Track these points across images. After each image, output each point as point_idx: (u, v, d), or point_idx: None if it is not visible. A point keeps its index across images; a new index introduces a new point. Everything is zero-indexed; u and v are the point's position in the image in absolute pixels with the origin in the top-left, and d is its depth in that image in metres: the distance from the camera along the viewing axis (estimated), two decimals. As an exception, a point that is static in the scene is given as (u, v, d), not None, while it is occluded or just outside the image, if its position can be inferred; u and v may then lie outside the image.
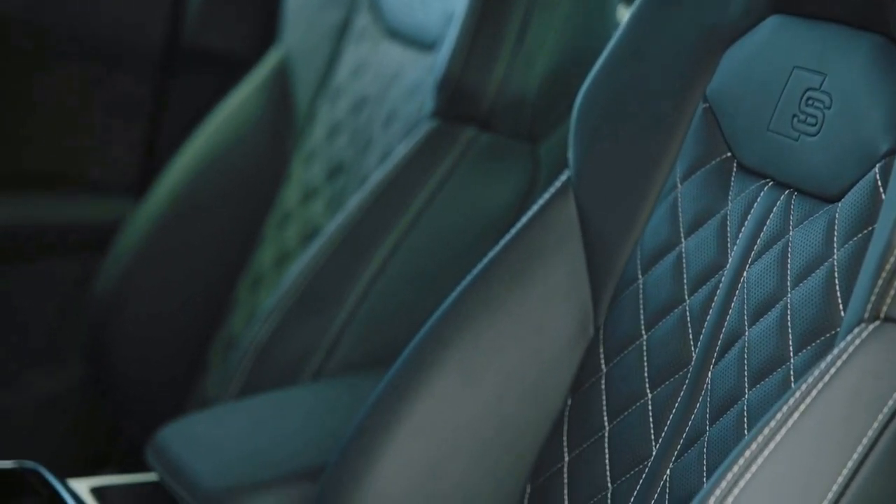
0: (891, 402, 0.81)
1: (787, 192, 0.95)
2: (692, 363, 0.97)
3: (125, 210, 1.75)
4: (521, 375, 1.07)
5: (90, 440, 1.77)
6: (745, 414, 0.88)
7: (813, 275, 0.90)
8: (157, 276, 1.65)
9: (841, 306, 0.88)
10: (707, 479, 0.87)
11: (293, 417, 1.32)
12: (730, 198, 0.99)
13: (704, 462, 0.89)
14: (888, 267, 0.83)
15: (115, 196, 1.84)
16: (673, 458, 0.94)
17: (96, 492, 1.26)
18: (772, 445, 0.80)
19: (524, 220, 1.10)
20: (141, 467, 1.32)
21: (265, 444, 1.26)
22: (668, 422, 0.97)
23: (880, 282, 0.83)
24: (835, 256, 0.89)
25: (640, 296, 1.03)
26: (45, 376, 1.81)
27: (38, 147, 1.83)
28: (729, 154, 1.00)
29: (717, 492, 0.79)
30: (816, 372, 0.81)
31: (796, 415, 0.80)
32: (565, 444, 1.05)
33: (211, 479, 1.21)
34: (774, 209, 0.95)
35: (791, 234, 0.93)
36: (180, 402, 1.61)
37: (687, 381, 0.97)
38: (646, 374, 1.00)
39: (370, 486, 1.05)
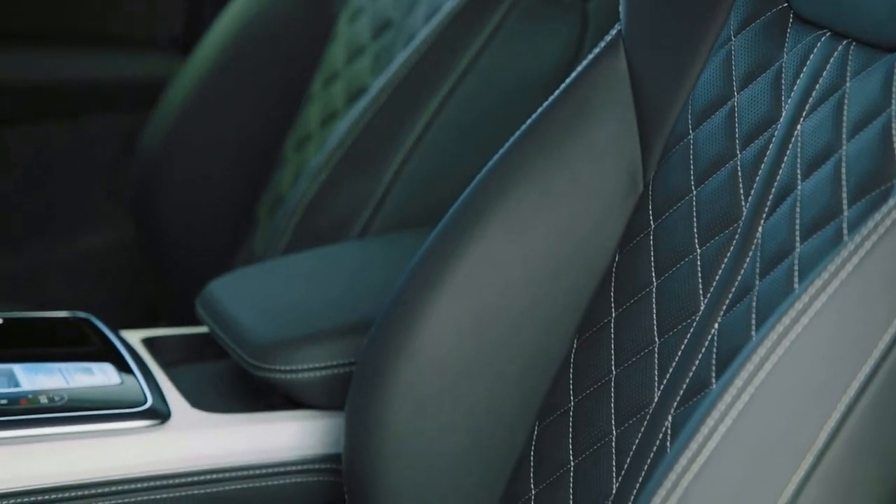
0: None
1: (844, 42, 0.94)
2: (742, 218, 0.97)
3: (172, 67, 1.75)
4: (569, 232, 1.07)
5: (141, 295, 1.79)
6: (796, 268, 0.88)
7: (869, 126, 0.89)
8: (204, 133, 1.65)
9: (898, 157, 0.87)
10: (756, 333, 0.87)
11: (340, 273, 1.33)
12: (785, 50, 0.97)
13: (753, 316, 0.89)
14: None
15: (162, 53, 1.83)
16: (721, 313, 0.94)
17: (147, 342, 1.28)
18: (823, 297, 0.80)
19: (573, 75, 1.09)
20: (191, 321, 1.33)
21: (313, 299, 1.27)
22: (717, 277, 0.97)
23: None
24: (892, 107, 0.88)
25: (691, 151, 1.02)
26: (96, 232, 1.83)
27: (85, 4, 1.83)
28: (785, 5, 0.99)
29: (768, 343, 0.80)
30: (871, 223, 0.81)
31: (849, 266, 0.80)
32: (612, 300, 1.05)
33: (259, 331, 1.22)
34: (831, 60, 0.94)
35: (848, 85, 0.92)
36: (228, 258, 1.62)
37: (737, 237, 0.96)
38: (695, 230, 1.00)
39: (414, 345, 1.06)
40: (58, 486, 1.10)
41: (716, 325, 0.94)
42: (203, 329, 1.29)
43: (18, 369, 1.16)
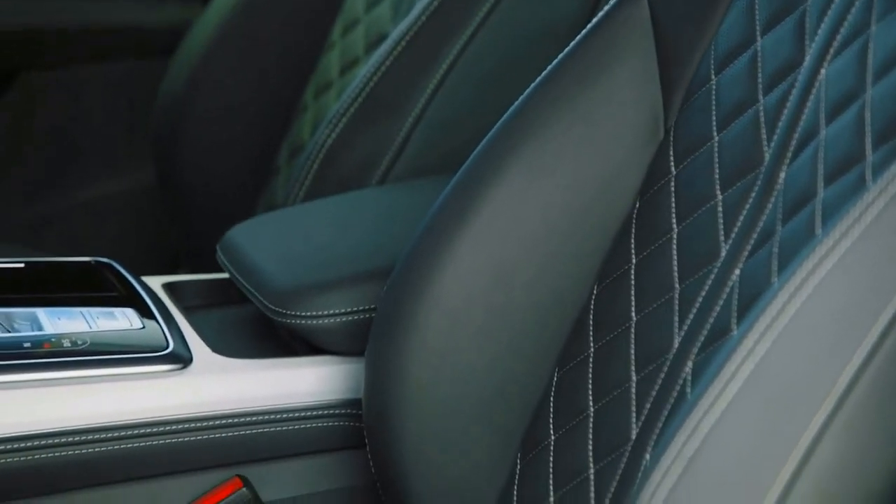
0: None
1: None
2: (764, 164, 0.96)
3: (193, 13, 1.75)
4: (590, 178, 1.07)
5: (162, 241, 1.80)
6: (819, 213, 0.88)
7: (894, 70, 0.88)
8: (224, 80, 1.65)
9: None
10: (777, 279, 0.87)
11: (360, 219, 1.33)
12: (809, -6, 0.97)
13: (775, 262, 0.89)
14: None
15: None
16: (742, 259, 0.94)
17: (169, 287, 1.29)
18: (846, 242, 0.80)
19: (595, 21, 1.08)
20: (211, 268, 1.34)
21: (333, 245, 1.28)
22: (738, 223, 0.96)
23: None
24: (919, 51, 0.88)
25: (713, 97, 1.01)
26: (118, 178, 1.83)
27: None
28: None
29: (790, 288, 0.80)
30: (894, 168, 0.80)
31: (872, 211, 0.80)
32: (633, 246, 1.05)
33: (280, 278, 1.22)
34: (856, 4, 0.93)
35: (872, 29, 0.91)
36: (248, 205, 1.63)
37: (759, 182, 0.96)
38: (716, 176, 0.99)
39: (435, 291, 1.06)
40: (79, 429, 1.11)
41: (737, 272, 0.94)
42: (224, 275, 1.29)
43: (42, 313, 1.17)
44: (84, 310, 1.19)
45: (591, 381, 1.04)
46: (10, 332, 1.14)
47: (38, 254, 1.34)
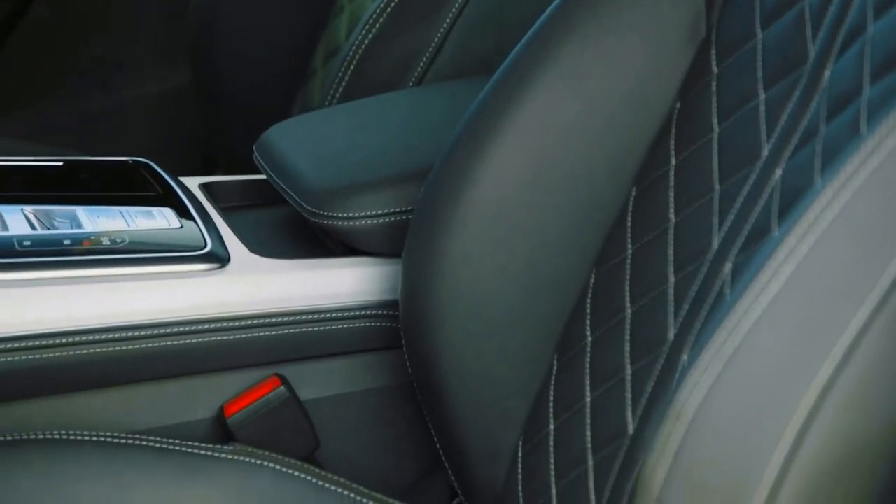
0: None
1: None
2: (809, 61, 0.95)
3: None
4: (629, 78, 1.06)
5: (199, 143, 1.80)
6: (864, 111, 0.86)
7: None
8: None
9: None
10: (821, 178, 0.86)
11: (397, 120, 1.33)
12: None
13: (818, 161, 0.88)
14: None
15: None
16: (785, 159, 0.93)
17: (206, 188, 1.29)
18: (891, 141, 0.79)
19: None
20: (248, 170, 1.34)
21: (370, 146, 1.27)
22: (781, 122, 0.95)
23: None
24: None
25: (757, -7, 1.00)
26: (155, 79, 1.83)
27: None
28: None
29: (835, 186, 0.79)
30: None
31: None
32: (672, 146, 1.04)
33: (317, 178, 1.22)
34: None
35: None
36: (284, 107, 1.62)
37: (802, 80, 0.95)
38: (759, 74, 0.98)
39: (473, 192, 1.06)
40: (117, 326, 1.12)
41: (779, 171, 0.93)
42: (261, 176, 1.29)
43: (81, 211, 1.17)
44: (123, 209, 1.19)
45: (628, 282, 1.04)
46: (49, 229, 1.14)
47: (77, 154, 1.34)
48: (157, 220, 1.19)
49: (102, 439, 1.09)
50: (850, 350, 0.80)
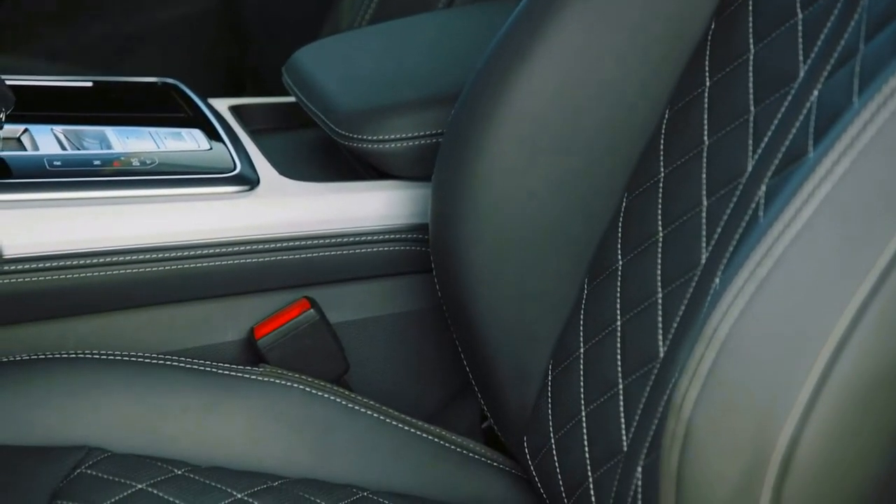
0: None
1: None
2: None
3: None
4: (662, 2, 1.05)
5: (227, 64, 1.79)
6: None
7: None
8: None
9: None
10: (859, 99, 0.84)
11: (427, 43, 1.32)
12: None
13: (856, 81, 0.86)
14: None
15: None
16: (821, 80, 0.92)
17: (235, 110, 1.28)
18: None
19: None
20: (276, 92, 1.33)
21: (400, 69, 1.26)
22: (818, 42, 0.94)
23: None
24: None
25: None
26: (185, 0, 1.82)
27: None
28: None
29: (872, 106, 0.78)
30: None
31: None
32: (707, 69, 1.03)
33: (347, 100, 1.21)
34: None
35: None
36: (313, 30, 1.61)
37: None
38: None
39: (503, 113, 1.05)
40: (145, 247, 1.12)
41: (815, 93, 0.92)
42: (290, 99, 1.28)
43: (110, 132, 1.17)
44: (152, 129, 1.19)
45: (660, 206, 1.03)
46: (79, 149, 1.14)
47: (106, 74, 1.34)
48: (187, 142, 1.18)
49: (133, 359, 1.09)
50: (887, 271, 0.79)
